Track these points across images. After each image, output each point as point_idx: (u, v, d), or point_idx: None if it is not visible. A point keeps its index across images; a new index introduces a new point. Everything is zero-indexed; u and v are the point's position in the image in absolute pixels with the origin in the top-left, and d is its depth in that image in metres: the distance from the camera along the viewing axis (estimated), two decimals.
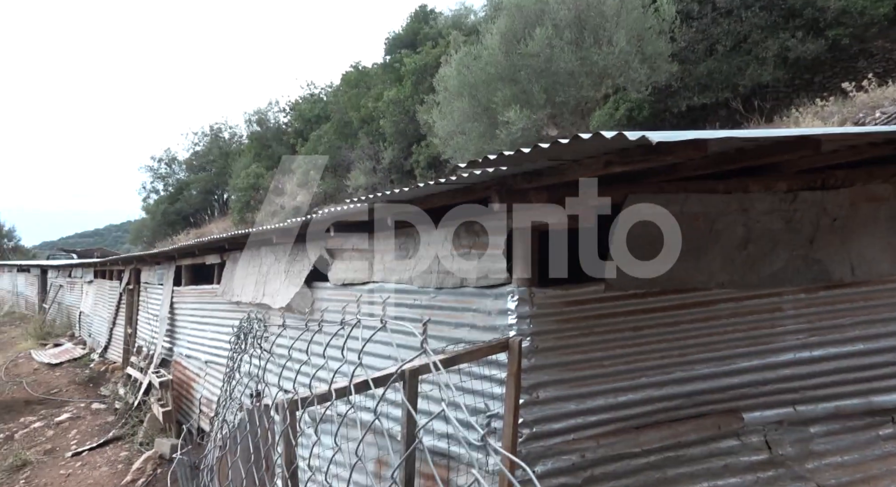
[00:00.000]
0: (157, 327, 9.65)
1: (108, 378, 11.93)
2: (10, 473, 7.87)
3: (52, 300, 19.58)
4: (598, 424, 3.08)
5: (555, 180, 2.69)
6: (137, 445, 8.09)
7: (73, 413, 10.05)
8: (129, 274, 11.84)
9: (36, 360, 14.18)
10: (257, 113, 29.47)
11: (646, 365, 3.16)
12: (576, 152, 2.21)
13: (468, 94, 13.77)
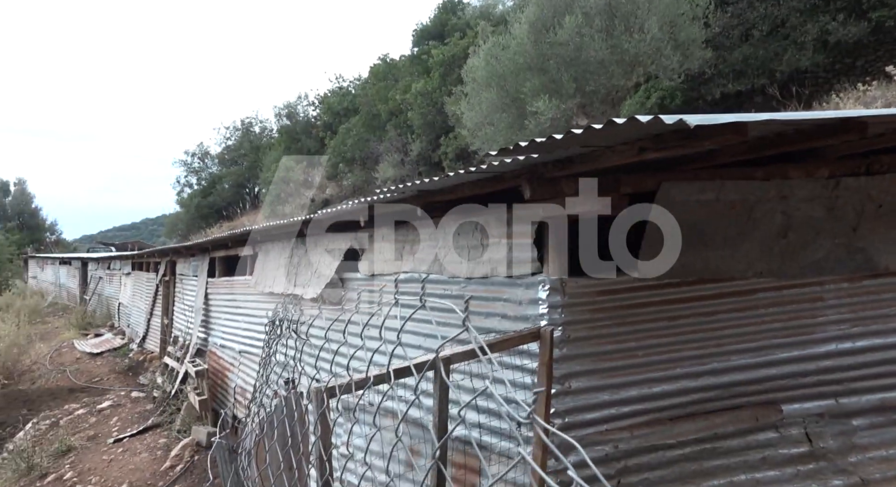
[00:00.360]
0: (193, 317, 9.87)
1: (147, 368, 12.28)
2: (56, 458, 8.18)
3: (93, 292, 20.21)
4: (631, 415, 3.04)
5: (587, 168, 2.65)
6: (175, 432, 8.32)
7: (114, 401, 10.38)
8: (164, 266, 12.14)
9: (78, 349, 14.67)
10: (287, 107, 29.80)
11: (681, 356, 3.11)
12: (609, 138, 2.17)
13: (496, 84, 13.67)
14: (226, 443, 2.28)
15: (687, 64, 11.58)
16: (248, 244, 7.68)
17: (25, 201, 39.53)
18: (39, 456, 8.00)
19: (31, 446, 8.46)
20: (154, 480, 7.09)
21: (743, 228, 3.11)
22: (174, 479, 6.98)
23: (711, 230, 3.06)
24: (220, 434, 2.51)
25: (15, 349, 12.97)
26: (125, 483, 6.95)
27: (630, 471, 3.02)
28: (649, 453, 3.02)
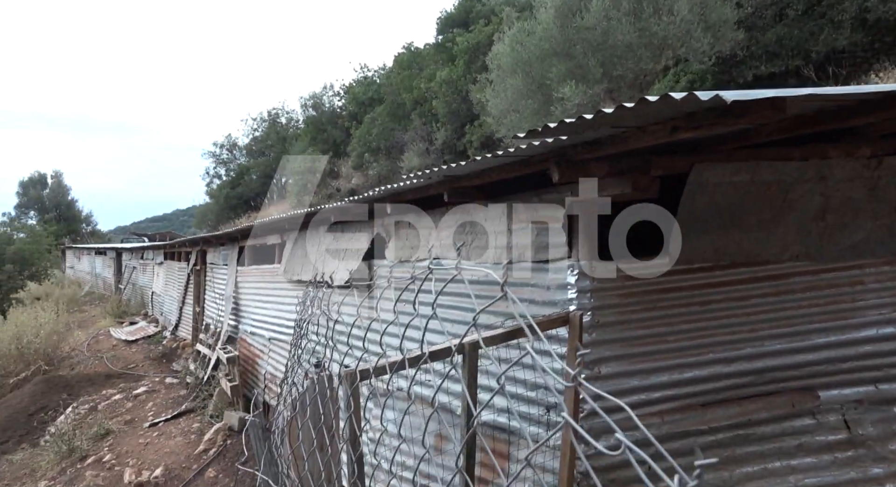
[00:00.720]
0: (223, 305, 10.06)
1: (179, 355, 12.57)
2: (95, 440, 8.45)
3: (127, 281, 20.73)
4: (662, 400, 3.01)
5: (617, 150, 2.60)
6: (208, 417, 8.52)
7: (149, 387, 10.65)
8: (195, 255, 12.37)
9: (114, 337, 15.09)
10: (312, 97, 29.98)
11: (713, 341, 3.05)
12: (641, 117, 2.12)
13: (522, 70, 13.53)
14: (259, 422, 2.32)
15: (718, 46, 11.29)
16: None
17: (62, 193, 40.63)
18: (80, 439, 8.28)
19: (72, 429, 8.75)
20: (188, 463, 7.27)
21: (778, 210, 3.03)
22: (208, 462, 7.15)
23: (745, 213, 2.99)
24: (253, 412, 2.56)
25: (55, 336, 13.40)
26: (161, 466, 7.14)
27: (661, 457, 2.98)
28: (680, 439, 2.98)
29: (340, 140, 27.74)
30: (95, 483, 7.00)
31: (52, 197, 39.84)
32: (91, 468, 7.56)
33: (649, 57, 11.77)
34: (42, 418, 9.95)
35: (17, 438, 9.38)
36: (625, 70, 11.89)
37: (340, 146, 27.50)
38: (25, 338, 12.33)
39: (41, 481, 7.50)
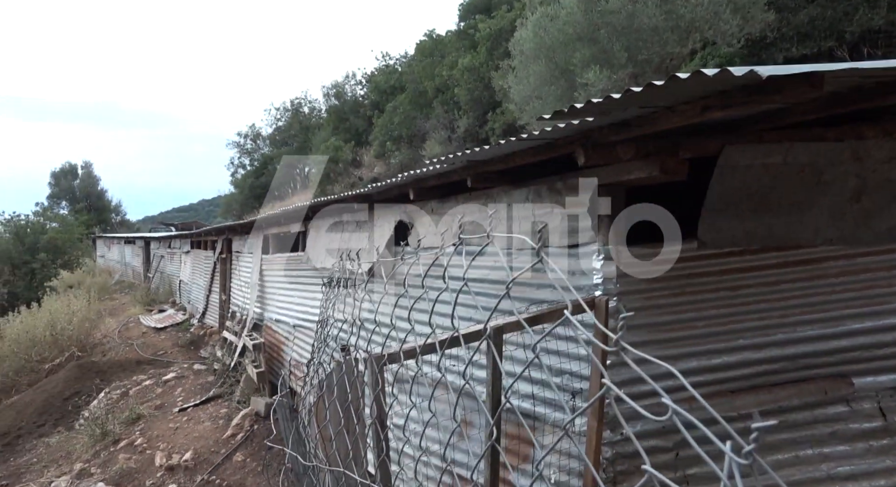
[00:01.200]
0: (248, 293, 10.20)
1: (207, 342, 12.80)
2: (127, 425, 8.67)
3: (155, 270, 21.14)
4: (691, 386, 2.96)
5: (644, 131, 2.55)
6: (235, 403, 8.67)
7: (178, 373, 10.87)
8: (221, 244, 12.55)
9: (143, 324, 15.42)
10: (335, 86, 30.05)
11: (743, 327, 2.99)
12: (671, 96, 2.07)
13: (545, 56, 13.35)
14: (286, 402, 2.35)
15: (747, 28, 10.99)
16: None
17: (92, 183, 41.49)
18: (112, 423, 8.50)
19: (105, 414, 8.98)
20: (217, 447, 7.42)
21: (812, 192, 2.94)
22: (235, 447, 7.29)
23: (777, 196, 2.91)
24: (280, 392, 2.59)
25: (87, 323, 13.74)
26: (190, 450, 7.30)
27: (689, 444, 2.94)
28: (709, 426, 2.93)
29: (362, 129, 27.81)
30: (128, 466, 7.19)
31: (82, 187, 40.74)
32: (124, 451, 7.77)
33: (675, 40, 11.51)
34: (76, 402, 10.23)
35: (52, 421, 9.67)
36: (650, 54, 11.66)
37: (362, 135, 27.57)
38: (59, 325, 12.67)
39: (77, 463, 7.72)
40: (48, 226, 24.28)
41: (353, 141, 27.22)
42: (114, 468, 7.17)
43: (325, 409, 2.06)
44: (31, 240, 22.79)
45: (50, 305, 13.96)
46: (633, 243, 3.02)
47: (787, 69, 1.66)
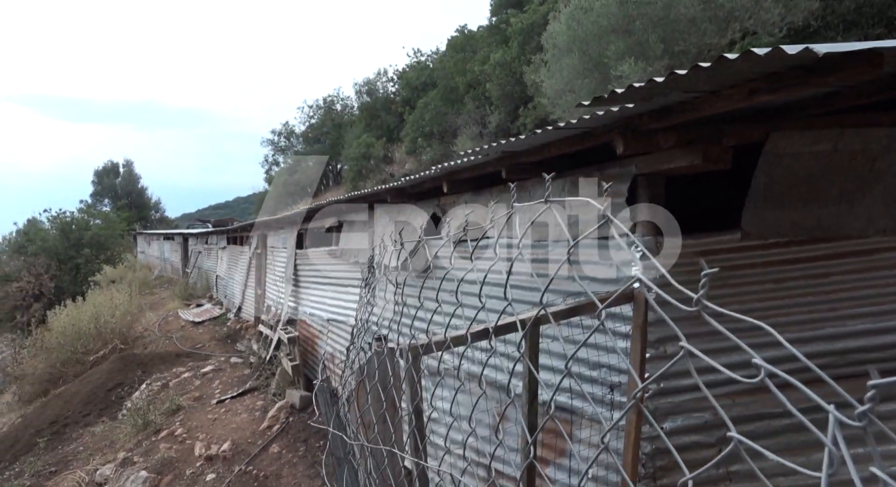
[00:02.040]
0: (283, 288, 10.35)
1: (243, 335, 13.05)
2: (167, 415, 8.89)
3: (193, 265, 21.64)
4: (733, 381, 2.87)
5: (686, 118, 2.47)
6: (271, 395, 8.81)
7: (215, 366, 11.11)
8: (256, 239, 12.76)
9: (182, 318, 15.80)
10: (367, 83, 30.23)
11: (789, 320, 2.90)
12: (716, 80, 2.00)
13: (578, 49, 13.17)
14: (326, 386, 2.38)
15: (790, 17, 10.64)
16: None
17: (133, 181, 42.71)
18: (153, 414, 8.73)
19: (146, 404, 9.24)
20: (254, 438, 7.56)
21: (863, 181, 2.82)
22: (272, 438, 7.41)
23: (826, 185, 2.81)
24: (321, 377, 2.61)
25: (129, 316, 14.14)
26: (228, 440, 7.45)
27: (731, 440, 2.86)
28: (753, 421, 2.85)
29: (394, 126, 27.92)
30: (169, 455, 7.37)
31: (123, 185, 41.98)
32: (164, 440, 7.97)
33: (714, 31, 11.23)
34: (119, 393, 10.55)
35: (97, 411, 9.99)
36: (687, 45, 11.40)
37: (394, 132, 27.68)
38: (103, 318, 13.07)
39: (120, 452, 7.96)
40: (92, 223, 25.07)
41: (385, 138, 27.34)
42: (155, 457, 7.37)
43: (365, 394, 2.08)
44: (76, 236, 23.57)
45: (94, 299, 14.42)
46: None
47: (845, 47, 1.59)
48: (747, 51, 1.60)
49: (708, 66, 1.76)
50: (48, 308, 16.25)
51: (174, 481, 6.75)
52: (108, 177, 42.24)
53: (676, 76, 1.89)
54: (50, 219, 24.32)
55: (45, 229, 23.99)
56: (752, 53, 1.59)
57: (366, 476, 1.98)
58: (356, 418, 2.11)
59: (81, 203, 27.52)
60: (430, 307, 3.03)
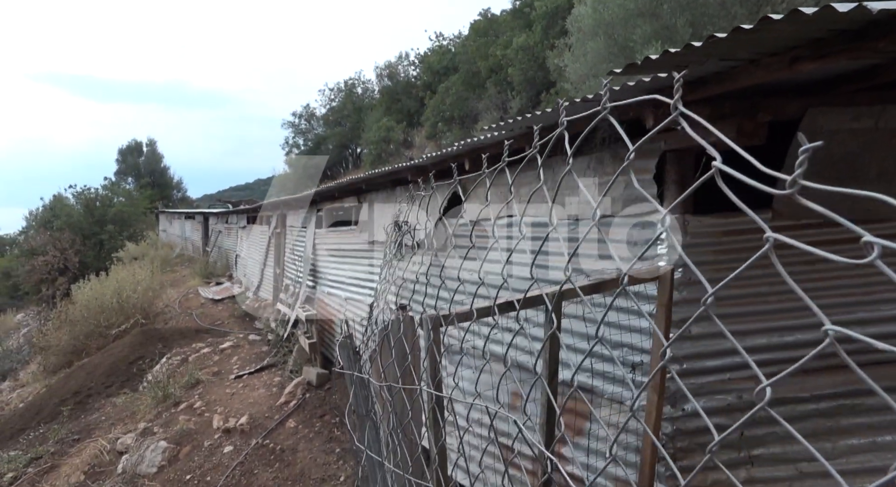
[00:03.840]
0: (302, 267, 10.40)
1: (261, 314, 13.18)
2: (187, 389, 9.04)
3: (213, 244, 21.88)
4: (758, 364, 2.80)
5: (722, 89, 2.39)
6: (288, 372, 8.91)
7: (234, 343, 11.25)
8: (276, 219, 12.83)
9: (202, 296, 16.01)
10: (388, 67, 30.09)
11: (820, 303, 2.79)
12: (758, 45, 1.92)
13: (603, 33, 12.95)
14: (349, 343, 2.38)
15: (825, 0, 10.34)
16: (353, 195, 7.90)
17: (156, 160, 43.17)
18: (173, 387, 8.88)
19: (166, 378, 9.39)
20: (271, 413, 7.65)
21: None
22: (288, 413, 7.49)
23: (865, 163, 2.71)
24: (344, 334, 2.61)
25: (150, 292, 14.36)
26: (246, 414, 7.55)
27: (755, 424, 2.81)
28: (778, 405, 2.79)
29: (414, 110, 27.80)
30: (188, 427, 7.50)
31: (146, 164, 42.46)
32: (183, 413, 8.11)
33: (745, 15, 10.94)
34: (140, 366, 10.73)
35: (119, 383, 10.19)
36: (716, 29, 11.12)
37: (414, 116, 27.57)
38: (125, 293, 13.29)
39: (141, 422, 8.12)
40: (115, 200, 25.44)
41: (405, 122, 27.26)
42: (175, 428, 7.49)
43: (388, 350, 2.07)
44: (100, 212, 23.96)
45: (116, 274, 14.66)
46: (703, 213, 2.88)
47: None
48: (794, 10, 1.52)
49: (751, 27, 1.68)
50: (72, 282, 16.58)
51: (192, 452, 6.86)
52: (132, 155, 42.75)
53: (716, 40, 1.81)
54: (75, 195, 24.74)
55: (71, 205, 24.42)
56: (799, 13, 1.52)
57: (387, 433, 1.97)
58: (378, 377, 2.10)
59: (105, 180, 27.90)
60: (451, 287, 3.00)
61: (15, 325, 21.00)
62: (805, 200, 0.63)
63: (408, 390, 2.12)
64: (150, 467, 6.65)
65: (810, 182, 0.69)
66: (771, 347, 2.85)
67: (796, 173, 0.60)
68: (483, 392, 2.30)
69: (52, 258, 20.84)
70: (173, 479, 6.30)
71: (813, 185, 0.64)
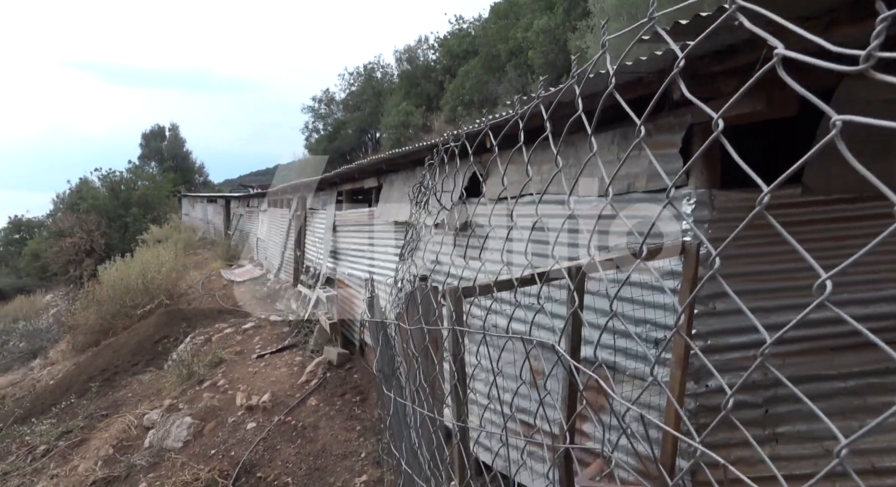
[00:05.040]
0: (322, 248, 10.48)
1: (282, 296, 13.34)
2: (210, 367, 9.21)
3: (235, 228, 22.13)
4: (785, 341, 2.78)
5: (752, 58, 2.33)
6: (309, 352, 9.02)
7: (256, 323, 11.41)
8: (296, 202, 12.92)
9: (224, 277, 16.24)
10: (407, 51, 29.92)
11: (849, 280, 2.76)
12: (793, 7, 1.86)
13: (627, 13, 12.72)
14: (376, 304, 2.39)
15: None
16: (373, 176, 7.91)
17: (178, 145, 43.65)
18: (197, 365, 9.05)
19: (190, 357, 9.57)
20: (292, 391, 7.77)
21: None
22: (309, 392, 7.60)
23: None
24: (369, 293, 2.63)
25: (174, 274, 14.61)
26: (268, 392, 7.67)
27: (780, 401, 2.78)
28: (804, 383, 2.75)
29: (434, 94, 27.65)
30: (212, 404, 7.65)
31: (169, 149, 42.96)
32: (207, 390, 8.27)
33: None
34: (165, 345, 10.96)
35: (145, 361, 10.42)
36: None
37: (434, 100, 27.43)
38: (150, 274, 13.54)
39: (166, 399, 8.30)
40: (139, 183, 25.83)
41: (424, 106, 27.13)
42: (199, 405, 7.65)
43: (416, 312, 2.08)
44: (125, 195, 24.36)
45: (141, 256, 14.92)
46: (731, 187, 2.83)
47: None
48: None
49: None
50: (99, 263, 16.92)
51: (217, 427, 7.01)
52: (155, 140, 43.27)
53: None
54: (100, 178, 25.16)
55: (96, 188, 24.84)
56: None
57: (412, 392, 1.99)
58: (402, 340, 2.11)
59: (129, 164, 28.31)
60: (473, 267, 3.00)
61: (44, 305, 21.53)
62: (881, 74, 0.60)
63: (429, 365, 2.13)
64: (176, 441, 6.80)
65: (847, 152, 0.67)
66: (798, 323, 2.81)
67: (872, 46, 0.57)
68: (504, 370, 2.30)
69: (79, 240, 21.28)
70: (199, 453, 6.45)
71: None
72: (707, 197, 2.83)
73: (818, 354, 2.76)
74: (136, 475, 6.32)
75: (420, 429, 1.97)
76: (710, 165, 2.85)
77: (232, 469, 5.90)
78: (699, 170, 2.87)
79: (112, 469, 6.55)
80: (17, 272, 28.68)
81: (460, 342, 2.38)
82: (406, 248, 3.11)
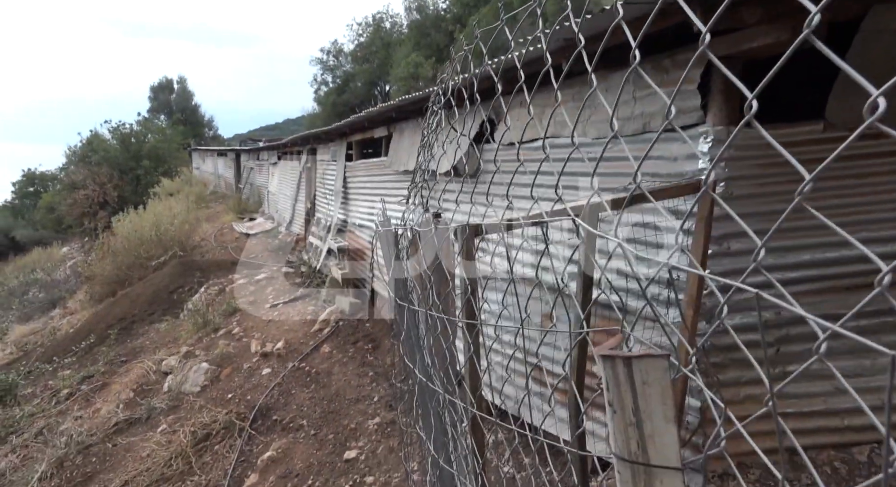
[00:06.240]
0: (333, 200, 10.47)
1: (294, 248, 13.44)
2: (225, 316, 9.38)
3: (245, 181, 22.13)
4: (799, 281, 2.75)
5: None
6: (321, 301, 9.14)
7: (268, 275, 11.54)
8: (306, 154, 12.84)
9: (236, 230, 16.35)
10: None
11: (868, 218, 2.71)
12: None
13: None
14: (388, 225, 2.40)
15: None
16: (384, 125, 7.80)
17: (187, 98, 43.30)
18: (212, 314, 9.22)
19: (205, 306, 9.75)
20: (305, 339, 7.91)
21: None
22: (322, 340, 7.73)
23: None
24: (381, 215, 2.63)
25: (186, 226, 14.73)
26: (282, 340, 7.82)
27: (791, 340, 2.78)
28: None
29: (444, 45, 26.98)
30: (227, 351, 7.83)
31: (178, 101, 42.65)
32: (223, 338, 8.45)
33: None
34: (180, 294, 11.15)
35: (161, 311, 10.62)
36: None
37: (444, 51, 26.79)
38: (163, 226, 13.65)
39: (183, 346, 8.50)
40: (149, 136, 25.74)
41: (434, 57, 26.53)
42: (215, 352, 7.83)
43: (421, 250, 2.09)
44: (136, 148, 24.33)
45: (154, 208, 15.02)
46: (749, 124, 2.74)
47: None
48: None
49: None
50: (112, 215, 17.07)
51: (233, 373, 7.19)
52: (164, 93, 42.91)
53: None
54: (111, 130, 25.09)
55: (107, 140, 24.81)
56: None
57: (426, 319, 2.01)
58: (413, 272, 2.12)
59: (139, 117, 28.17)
60: (480, 212, 2.97)
61: (61, 257, 21.89)
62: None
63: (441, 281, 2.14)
64: (194, 386, 7.00)
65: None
66: (815, 263, 2.78)
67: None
68: (513, 314, 2.31)
69: (92, 192, 21.42)
70: (216, 397, 6.64)
71: None
72: (725, 135, 2.76)
73: (832, 293, 2.74)
74: (157, 417, 6.54)
75: (434, 347, 2.00)
76: (730, 101, 2.77)
77: (248, 412, 6.07)
78: (717, 107, 2.79)
79: (133, 411, 6.78)
80: (34, 225, 29.09)
81: (469, 285, 2.38)
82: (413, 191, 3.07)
